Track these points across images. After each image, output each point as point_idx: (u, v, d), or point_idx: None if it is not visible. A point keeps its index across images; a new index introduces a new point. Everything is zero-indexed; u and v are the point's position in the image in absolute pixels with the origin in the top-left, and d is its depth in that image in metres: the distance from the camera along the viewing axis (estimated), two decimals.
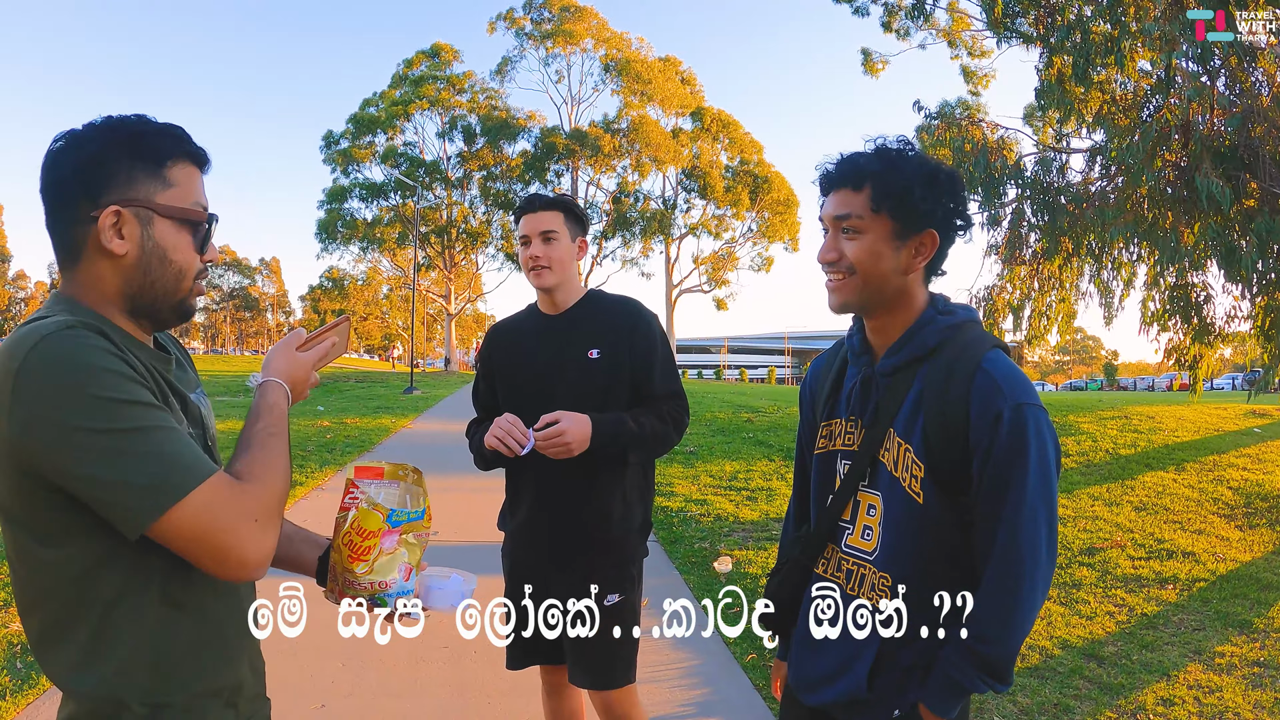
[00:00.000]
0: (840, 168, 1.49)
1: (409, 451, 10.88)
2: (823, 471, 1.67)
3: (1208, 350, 8.62)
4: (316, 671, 3.74)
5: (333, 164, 39.99)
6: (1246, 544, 6.09)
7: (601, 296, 2.52)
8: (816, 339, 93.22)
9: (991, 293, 9.84)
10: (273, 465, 1.14)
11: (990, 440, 1.38)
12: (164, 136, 1.17)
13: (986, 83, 13.89)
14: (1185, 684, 3.76)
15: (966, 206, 1.53)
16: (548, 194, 2.44)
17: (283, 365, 1.30)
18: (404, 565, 1.22)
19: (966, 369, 1.42)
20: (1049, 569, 1.40)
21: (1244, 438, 9.60)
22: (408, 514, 1.22)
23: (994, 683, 1.41)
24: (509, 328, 2.57)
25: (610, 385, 2.35)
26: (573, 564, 2.35)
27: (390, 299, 56.34)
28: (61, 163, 1.13)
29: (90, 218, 1.12)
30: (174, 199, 1.17)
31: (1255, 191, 6.92)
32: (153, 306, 1.19)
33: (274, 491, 1.12)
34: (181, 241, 1.19)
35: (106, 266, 1.15)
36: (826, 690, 1.57)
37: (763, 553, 5.99)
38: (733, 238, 42.02)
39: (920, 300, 1.53)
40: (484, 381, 2.57)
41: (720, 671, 3.93)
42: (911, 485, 1.46)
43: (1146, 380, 59.05)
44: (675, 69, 41.97)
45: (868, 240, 1.46)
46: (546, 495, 2.37)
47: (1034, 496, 1.37)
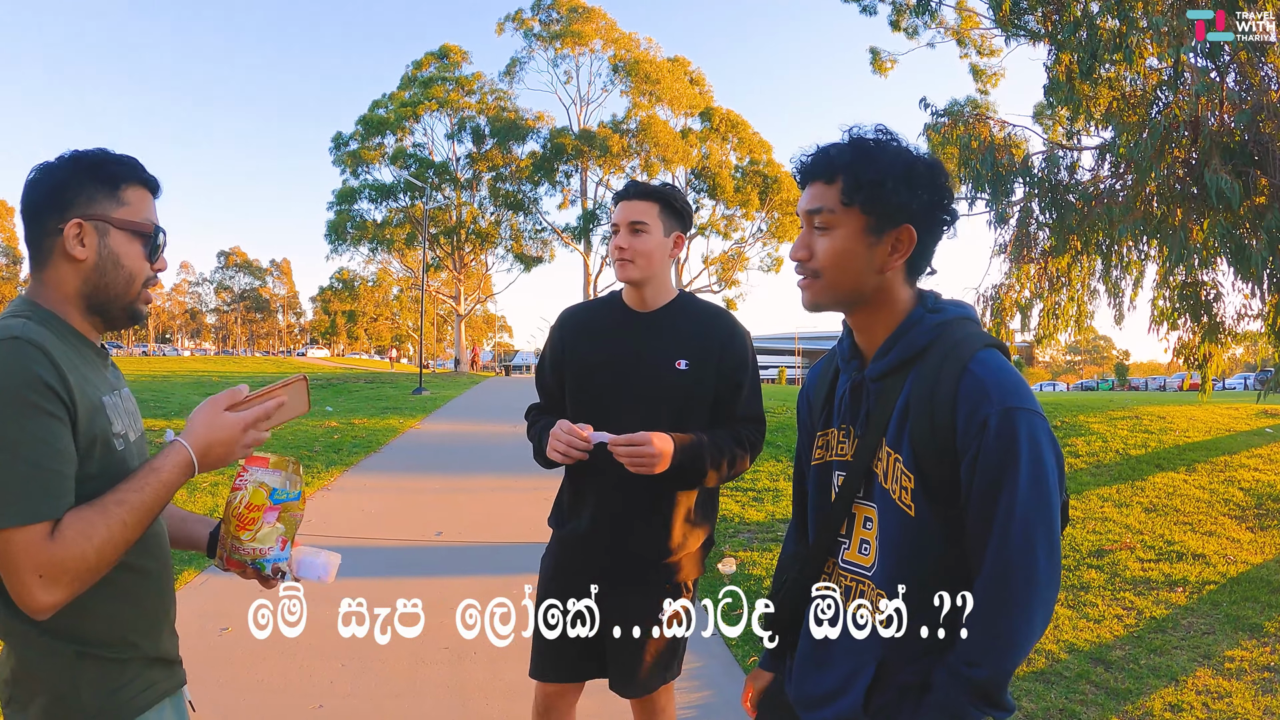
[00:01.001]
0: (813, 159, 1.41)
1: (417, 452, 10.87)
2: (819, 483, 1.59)
3: (1217, 349, 8.52)
4: (315, 672, 3.73)
5: (342, 165, 40.08)
6: (1258, 546, 6.02)
7: (694, 302, 2.37)
8: (827, 340, 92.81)
9: (999, 292, 9.77)
10: (93, 532, 1.22)
11: (977, 447, 1.28)
12: (120, 164, 1.41)
13: (996, 81, 13.81)
14: (1194, 689, 3.70)
15: (950, 199, 1.43)
16: (646, 182, 2.30)
17: (199, 426, 1.38)
18: (280, 537, 1.45)
19: (953, 371, 1.33)
20: (1048, 587, 1.29)
21: (1255, 438, 9.50)
22: (287, 494, 1.45)
23: (987, 708, 1.31)
24: (588, 314, 2.40)
25: (692, 400, 2.23)
26: (633, 577, 2.26)
27: (400, 300, 56.44)
28: (37, 187, 1.38)
29: (57, 229, 1.36)
30: (127, 215, 1.41)
31: (1265, 188, 6.83)
32: (105, 306, 1.41)
33: (76, 554, 1.20)
34: (133, 251, 1.42)
35: (69, 270, 1.38)
36: (825, 710, 1.49)
37: (767, 554, 5.95)
38: (742, 238, 41.90)
39: (905, 299, 1.44)
40: (552, 368, 2.38)
41: (722, 673, 3.90)
42: (902, 498, 1.37)
43: (1158, 380, 58.58)
44: (684, 69, 41.89)
45: (838, 236, 1.38)
46: (610, 504, 2.24)
47: (1025, 508, 1.26)
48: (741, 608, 1.76)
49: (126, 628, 1.38)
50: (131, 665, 1.39)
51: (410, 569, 5.48)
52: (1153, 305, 8.80)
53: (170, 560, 1.56)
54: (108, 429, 1.35)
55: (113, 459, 1.35)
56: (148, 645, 1.42)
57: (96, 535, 1.22)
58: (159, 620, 1.47)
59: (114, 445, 1.36)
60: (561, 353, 2.35)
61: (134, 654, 1.39)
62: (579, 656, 2.32)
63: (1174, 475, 7.93)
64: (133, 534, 1.27)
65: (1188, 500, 7.13)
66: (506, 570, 5.54)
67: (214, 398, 1.41)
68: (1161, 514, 6.81)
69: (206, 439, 1.37)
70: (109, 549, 1.24)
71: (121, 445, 1.38)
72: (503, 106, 40.78)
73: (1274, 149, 6.60)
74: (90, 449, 1.30)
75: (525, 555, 5.90)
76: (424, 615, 1.79)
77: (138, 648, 1.40)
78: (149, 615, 1.44)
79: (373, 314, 57.47)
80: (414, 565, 5.59)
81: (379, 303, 55.50)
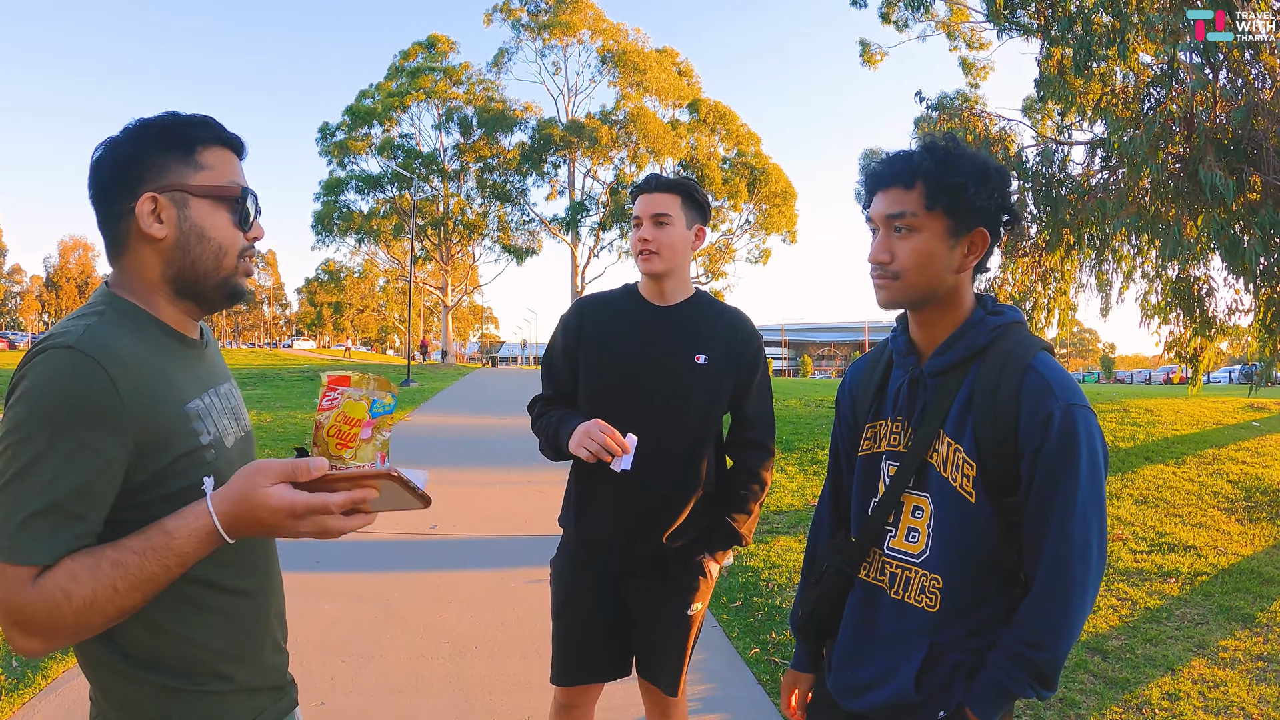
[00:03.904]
0: (891, 165, 1.47)
1: (407, 444, 10.83)
2: (866, 473, 1.64)
3: (1209, 343, 8.61)
4: (317, 668, 3.71)
5: (329, 156, 39.78)
6: (1247, 538, 6.09)
7: (713, 301, 2.36)
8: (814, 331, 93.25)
9: (993, 285, 9.82)
10: (75, 590, 1.03)
11: (1040, 441, 1.37)
12: (193, 125, 1.23)
13: (985, 74, 13.86)
14: (1190, 678, 3.75)
15: (1013, 203, 1.51)
16: (667, 175, 2.28)
17: (236, 491, 1.09)
18: (379, 453, 1.32)
19: (1017, 369, 1.42)
20: (1099, 574, 1.39)
21: (1242, 431, 9.61)
22: (384, 406, 1.34)
23: (1040, 689, 1.39)
24: (605, 304, 2.34)
25: (714, 395, 2.23)
26: (655, 571, 2.26)
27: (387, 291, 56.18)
28: (102, 166, 1.20)
29: (130, 209, 1.19)
30: (207, 179, 1.22)
31: (1258, 185, 6.89)
32: (196, 287, 1.24)
33: (50, 610, 1.03)
34: (219, 219, 1.23)
35: (148, 252, 1.21)
36: (872, 695, 1.54)
37: (764, 546, 5.96)
38: (730, 229, 41.85)
39: (969, 300, 1.53)
40: (564, 357, 2.32)
41: (725, 666, 3.91)
42: (963, 485, 1.45)
43: (1143, 373, 59.14)
44: (672, 60, 41.78)
45: (922, 239, 1.45)
46: (625, 503, 2.21)
47: (1085, 499, 1.36)
48: (742, 600, 1.77)
49: (216, 658, 1.22)
50: (230, 698, 1.23)
51: (406, 563, 5.46)
52: (1144, 300, 8.88)
53: (277, 575, 1.39)
54: (193, 443, 1.18)
55: (202, 472, 1.18)
56: (244, 675, 1.26)
57: (77, 596, 1.03)
58: (259, 644, 1.30)
59: (203, 458, 1.19)
60: (577, 342, 2.30)
61: (229, 687, 1.23)
62: (603, 657, 2.32)
63: (1163, 468, 8.02)
64: (125, 602, 1.05)
65: (1177, 493, 7.21)
66: (503, 564, 5.54)
67: (267, 463, 1.10)
68: (1152, 506, 6.88)
69: (241, 511, 1.08)
70: (91, 614, 1.04)
71: (213, 456, 1.21)
72: (490, 97, 40.57)
73: (1267, 146, 6.65)
74: (166, 472, 1.14)
75: (521, 548, 5.90)
76: (423, 610, 1.75)
77: (233, 680, 1.24)
78: (246, 642, 1.27)
79: (359, 305, 57.10)
80: (410, 559, 5.57)
81: (365, 294, 55.14)
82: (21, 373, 1.08)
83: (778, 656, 3.97)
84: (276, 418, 12.53)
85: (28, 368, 1.08)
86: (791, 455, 9.52)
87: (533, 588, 4.89)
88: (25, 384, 1.06)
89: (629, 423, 2.13)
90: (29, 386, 1.06)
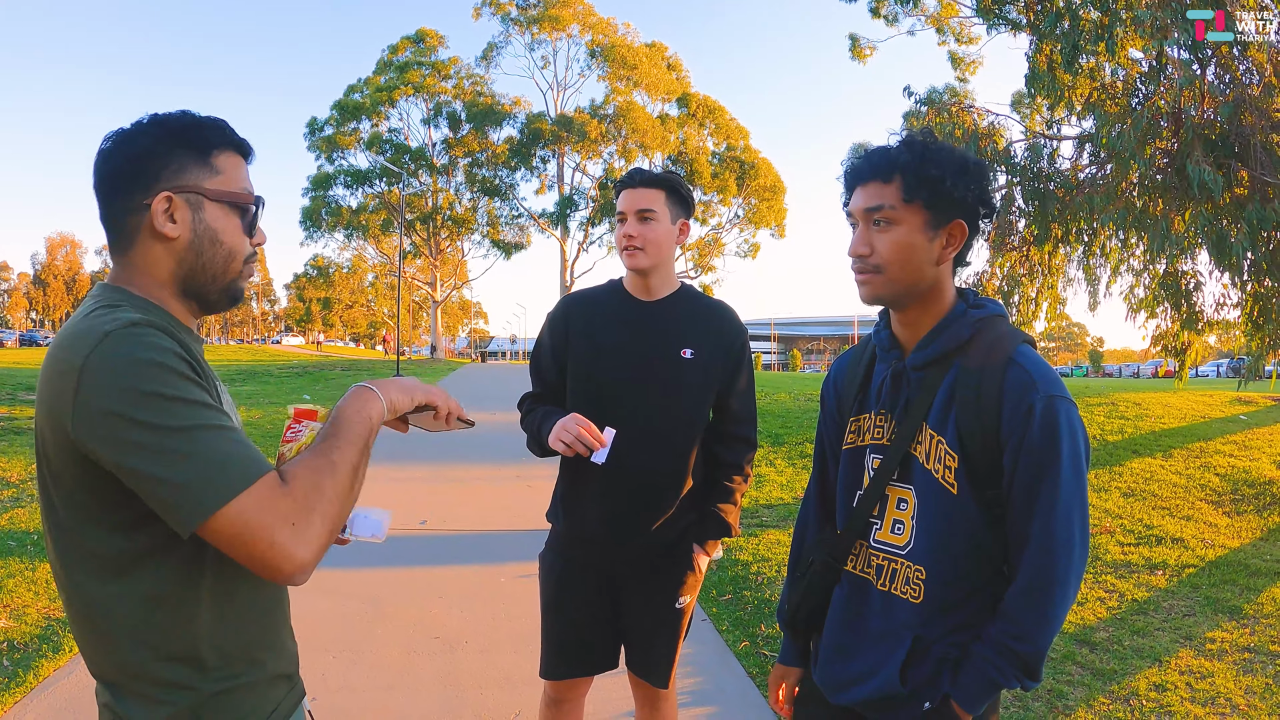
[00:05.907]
0: (869, 160, 1.49)
1: (395, 440, 10.76)
2: (850, 467, 1.65)
3: (1196, 337, 8.66)
4: (306, 665, 3.66)
5: (317, 151, 39.63)
6: (1234, 530, 6.14)
7: (698, 295, 2.35)
8: (803, 325, 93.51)
9: (981, 279, 9.85)
10: (320, 467, 1.11)
11: (1023, 433, 1.38)
12: (209, 128, 1.24)
13: (974, 69, 13.93)
14: (1177, 670, 3.77)
15: (991, 195, 1.53)
16: (651, 170, 2.27)
17: (377, 383, 1.28)
18: None
19: (999, 362, 1.43)
20: (1082, 565, 1.40)
21: (1230, 425, 9.67)
22: None
23: (1026, 679, 1.41)
24: (591, 301, 2.33)
25: (701, 388, 2.23)
26: (645, 565, 2.26)
27: (376, 286, 56.02)
28: (114, 157, 1.19)
29: (143, 205, 1.18)
30: (221, 184, 1.23)
31: (1246, 180, 6.93)
32: (203, 288, 1.25)
33: (316, 494, 1.08)
34: (231, 225, 1.25)
35: (160, 250, 1.21)
36: (858, 689, 1.56)
37: (753, 539, 5.97)
38: (719, 224, 41.93)
39: (950, 293, 1.54)
40: (551, 355, 2.32)
41: (714, 660, 3.91)
42: (945, 476, 1.46)
43: (1131, 367, 59.59)
44: (662, 54, 41.73)
45: (901, 231, 1.45)
46: (614, 499, 2.20)
47: (1067, 491, 1.37)
48: (731, 593, 1.77)
49: (251, 647, 1.23)
50: (257, 688, 1.23)
51: (395, 559, 5.43)
52: (1130, 294, 8.93)
53: None
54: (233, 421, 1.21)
55: None
56: (271, 661, 1.26)
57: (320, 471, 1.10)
58: (281, 627, 1.33)
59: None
60: (565, 340, 2.30)
61: (259, 675, 1.23)
62: (592, 651, 2.31)
63: (1151, 461, 8.06)
64: (344, 479, 1.12)
65: (1165, 485, 7.25)
66: (493, 559, 5.53)
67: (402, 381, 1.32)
68: (1140, 499, 6.92)
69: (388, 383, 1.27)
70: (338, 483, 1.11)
71: None
72: (479, 91, 40.49)
73: (1255, 142, 6.69)
74: None
75: (511, 543, 5.89)
76: (413, 605, 1.73)
77: (264, 666, 1.24)
78: (274, 624, 1.30)
79: (348, 301, 56.95)
80: (399, 555, 5.54)
81: (354, 289, 55.03)
82: (82, 360, 1.04)
83: (767, 650, 3.98)
84: (266, 414, 12.47)
85: (93, 352, 1.04)
86: (780, 449, 9.54)
87: (523, 582, 4.88)
88: (105, 366, 1.03)
89: (617, 418, 2.13)
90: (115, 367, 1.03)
